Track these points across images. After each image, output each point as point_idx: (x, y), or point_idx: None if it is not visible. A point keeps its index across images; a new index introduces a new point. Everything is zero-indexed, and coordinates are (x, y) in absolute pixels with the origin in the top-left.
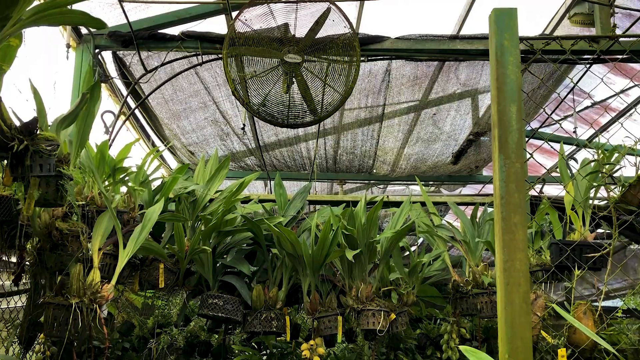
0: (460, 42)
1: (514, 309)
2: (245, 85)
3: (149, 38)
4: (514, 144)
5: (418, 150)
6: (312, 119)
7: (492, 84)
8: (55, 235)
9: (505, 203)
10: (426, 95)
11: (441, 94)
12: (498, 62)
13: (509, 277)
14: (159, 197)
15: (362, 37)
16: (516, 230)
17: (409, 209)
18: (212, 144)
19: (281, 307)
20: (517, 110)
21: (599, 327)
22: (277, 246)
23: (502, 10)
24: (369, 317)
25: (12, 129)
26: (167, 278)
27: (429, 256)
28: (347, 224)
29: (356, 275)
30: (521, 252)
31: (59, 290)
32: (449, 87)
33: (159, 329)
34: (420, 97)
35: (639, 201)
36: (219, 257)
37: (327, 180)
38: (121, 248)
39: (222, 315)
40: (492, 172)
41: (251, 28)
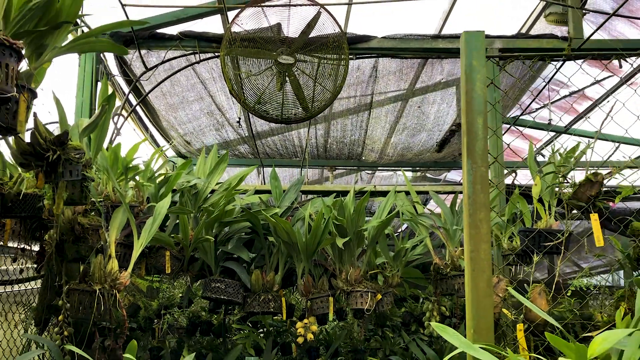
0: (442, 41)
1: (479, 291)
2: (241, 84)
3: (149, 38)
4: (480, 150)
5: (404, 139)
6: (305, 115)
7: (462, 98)
8: (78, 229)
9: (472, 202)
10: (412, 85)
11: (427, 83)
12: (467, 79)
13: (474, 265)
14: (164, 190)
15: (351, 37)
16: (481, 225)
17: (393, 199)
18: (207, 134)
19: (277, 290)
20: (483, 122)
21: (551, 305)
22: (274, 234)
23: (471, 33)
24: (358, 298)
25: (47, 141)
26: (173, 264)
27: (412, 242)
28: (337, 214)
29: (346, 260)
30: (485, 244)
31: (82, 277)
32: (435, 76)
33: (163, 310)
34: (407, 86)
35: (587, 198)
36: (220, 245)
37: (318, 166)
38: (135, 239)
39: (224, 298)
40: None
41: (246, 30)
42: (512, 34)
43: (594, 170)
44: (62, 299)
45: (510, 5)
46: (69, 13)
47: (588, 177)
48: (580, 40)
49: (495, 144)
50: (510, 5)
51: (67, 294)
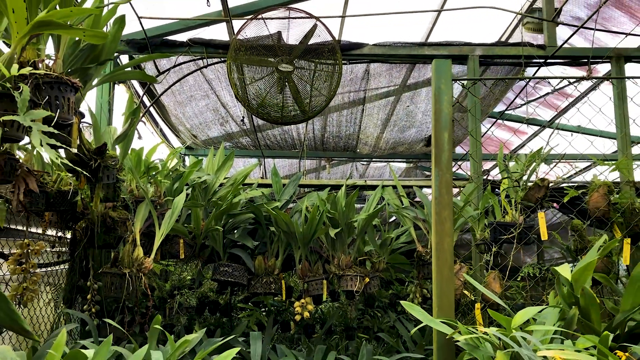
0: (428, 49)
1: (442, 276)
2: (245, 88)
3: (161, 44)
4: (445, 160)
5: (395, 135)
6: (303, 117)
7: (432, 116)
8: (109, 221)
9: (438, 202)
10: (402, 85)
11: (417, 79)
12: (436, 100)
13: (439, 254)
14: (178, 185)
15: (344, 44)
16: (445, 222)
17: (380, 194)
18: (212, 127)
19: (278, 273)
20: (448, 136)
21: (504, 288)
22: (275, 225)
23: (440, 61)
24: (348, 281)
25: (90, 152)
26: (186, 250)
27: (396, 232)
28: (331, 208)
29: (338, 247)
30: (448, 237)
31: (113, 262)
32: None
33: (175, 291)
34: (396, 87)
35: (536, 199)
36: (227, 234)
37: (315, 158)
38: (157, 229)
39: (232, 280)
40: (432, 180)
41: (249, 38)
42: (491, 42)
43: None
44: (90, 280)
45: (492, 14)
46: (109, 52)
47: (536, 182)
48: (553, 48)
49: (475, 143)
50: (492, 14)
51: (100, 276)
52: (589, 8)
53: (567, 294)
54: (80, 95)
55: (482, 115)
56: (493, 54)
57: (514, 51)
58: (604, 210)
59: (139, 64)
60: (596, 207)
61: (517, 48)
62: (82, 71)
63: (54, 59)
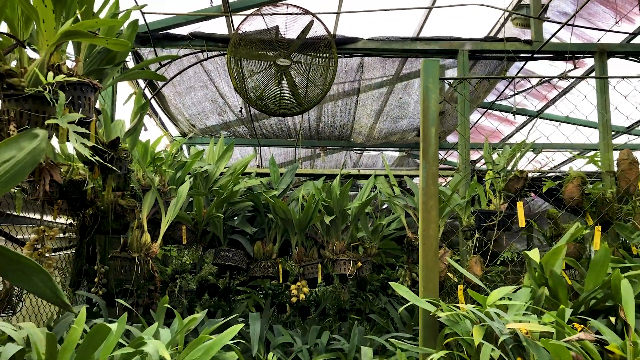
0: (420, 43)
1: (428, 260)
2: (244, 82)
3: (163, 38)
4: (432, 153)
5: (388, 125)
6: (299, 109)
7: (421, 112)
8: (118, 209)
9: (424, 192)
10: (395, 77)
11: (410, 70)
12: (424, 98)
13: (425, 240)
14: (180, 174)
15: (339, 39)
16: (431, 210)
17: (372, 183)
18: (210, 117)
19: (275, 258)
20: (435, 131)
21: (484, 271)
22: (272, 212)
23: (428, 61)
24: (342, 265)
25: (104, 145)
26: (188, 236)
27: (387, 219)
28: (326, 197)
29: (332, 234)
30: (434, 224)
31: (122, 247)
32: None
33: (176, 274)
34: (390, 78)
35: (515, 189)
36: (228, 220)
37: (311, 146)
38: (163, 216)
39: (232, 264)
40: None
41: (248, 32)
42: (480, 37)
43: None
44: (97, 264)
45: (482, 9)
46: (123, 54)
47: (515, 174)
48: (540, 43)
49: (463, 137)
50: (481, 9)
51: (107, 260)
52: (575, 3)
53: (538, 275)
54: (96, 95)
55: (472, 106)
56: (482, 48)
57: (501, 46)
58: (578, 200)
59: (133, 38)
60: (571, 197)
61: (504, 43)
62: (98, 72)
63: (74, 61)
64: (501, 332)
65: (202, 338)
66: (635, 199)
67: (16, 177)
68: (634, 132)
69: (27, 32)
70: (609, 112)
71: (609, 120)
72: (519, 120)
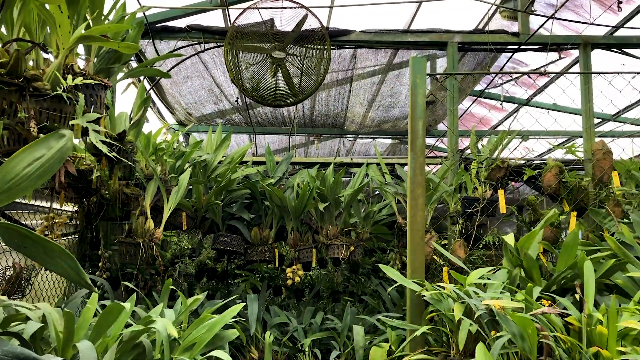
0: (410, 35)
1: (415, 244)
2: (241, 73)
3: (161, 30)
4: (420, 145)
5: (380, 114)
6: (294, 100)
7: (410, 106)
8: (123, 197)
9: (412, 181)
10: (387, 66)
11: (402, 59)
12: (412, 93)
13: (412, 225)
14: (180, 163)
15: (333, 31)
16: (418, 198)
17: (364, 172)
18: (206, 105)
19: (272, 243)
20: (422, 124)
21: (467, 254)
22: (269, 199)
23: (416, 58)
24: (335, 249)
25: (112, 138)
26: (188, 222)
27: (379, 206)
28: (320, 185)
29: (326, 220)
30: (421, 211)
31: (128, 233)
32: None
33: (176, 259)
34: (382, 67)
35: (497, 178)
36: (226, 207)
37: (305, 134)
38: (165, 203)
39: (230, 249)
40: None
41: (244, 25)
42: (469, 30)
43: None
44: (101, 249)
45: (471, 2)
46: (128, 54)
47: (497, 164)
48: (526, 35)
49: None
50: (470, 2)
51: (110, 245)
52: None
53: (514, 258)
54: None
55: (461, 95)
56: (471, 40)
57: (490, 38)
58: (555, 188)
59: (140, 46)
60: (549, 185)
61: (492, 35)
62: (107, 70)
63: (85, 60)
64: (477, 308)
65: (205, 317)
66: (608, 187)
67: (47, 172)
68: (619, 119)
69: (42, 35)
70: (592, 102)
71: (591, 110)
72: (509, 108)
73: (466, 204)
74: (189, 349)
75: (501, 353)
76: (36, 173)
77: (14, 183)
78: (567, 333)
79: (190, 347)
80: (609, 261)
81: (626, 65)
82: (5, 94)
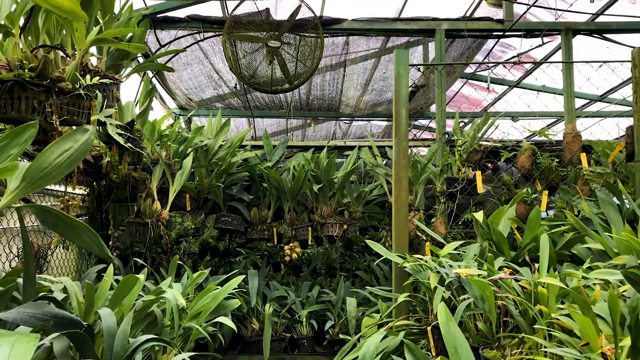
0: (400, 23)
1: (399, 221)
2: (238, 62)
3: (162, 21)
4: (403, 131)
5: (374, 97)
6: (289, 87)
7: (394, 95)
8: (131, 181)
9: (397, 164)
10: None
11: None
12: (397, 82)
13: (397, 205)
14: (183, 148)
15: (326, 19)
16: (402, 180)
17: (356, 155)
18: (206, 90)
19: (270, 222)
20: (405, 112)
21: (447, 230)
22: (267, 182)
23: (400, 51)
24: (329, 227)
25: (120, 127)
26: (191, 204)
27: (370, 187)
28: (314, 167)
29: (320, 200)
30: (404, 192)
31: (137, 214)
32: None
33: (180, 238)
34: (377, 47)
35: (475, 161)
36: (227, 189)
37: (301, 117)
38: (171, 186)
39: (231, 228)
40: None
41: (241, 14)
42: (456, 17)
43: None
44: (111, 229)
45: None
46: (135, 52)
47: (475, 147)
48: (511, 22)
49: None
50: None
51: (119, 225)
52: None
53: (484, 232)
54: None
55: (452, 77)
56: (458, 27)
57: (476, 25)
58: (529, 169)
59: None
60: (522, 166)
61: (478, 22)
62: (116, 66)
63: (99, 58)
64: (448, 276)
65: (210, 288)
66: (577, 167)
67: (74, 162)
68: (606, 99)
69: (60, 37)
70: (573, 85)
71: (572, 94)
72: (499, 90)
73: (450, 184)
74: (196, 317)
75: (469, 314)
76: (65, 163)
77: (47, 172)
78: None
79: (197, 316)
80: (569, 234)
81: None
82: (36, 94)
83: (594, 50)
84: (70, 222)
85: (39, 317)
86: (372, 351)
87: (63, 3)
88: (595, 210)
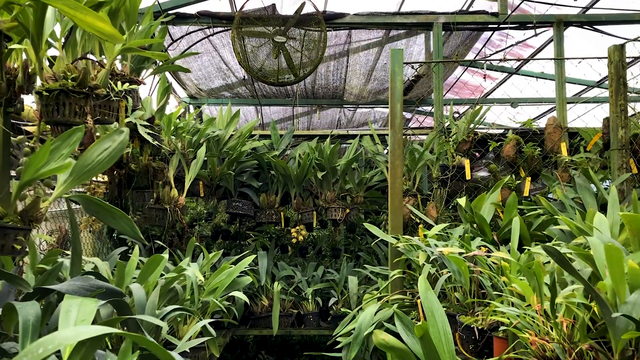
0: (399, 17)
1: (394, 206)
2: (247, 56)
3: (174, 17)
4: (398, 124)
5: (376, 86)
6: (294, 79)
7: (389, 91)
8: (151, 170)
9: (392, 154)
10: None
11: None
12: (392, 80)
13: (392, 191)
14: (196, 138)
15: (329, 14)
16: (397, 168)
17: (357, 144)
18: (215, 80)
19: (278, 207)
20: (400, 106)
21: (439, 213)
22: (274, 169)
23: (395, 50)
24: (332, 211)
25: (144, 124)
26: (204, 190)
27: (370, 173)
28: (318, 155)
29: (324, 186)
30: (399, 179)
31: (156, 200)
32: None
33: (194, 222)
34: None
35: (464, 150)
36: (237, 176)
37: (307, 105)
38: (186, 174)
39: (242, 212)
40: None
41: (248, 11)
42: (453, 11)
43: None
44: (130, 214)
45: None
46: (157, 59)
47: (464, 137)
48: (505, 15)
49: (438, 96)
50: None
51: (147, 210)
52: None
53: (468, 216)
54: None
55: (448, 68)
56: (454, 21)
57: (471, 18)
58: (513, 157)
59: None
60: (507, 155)
61: (474, 16)
62: (138, 69)
63: (123, 63)
64: (432, 254)
65: (225, 267)
66: (557, 156)
67: (112, 159)
68: (603, 85)
69: (90, 46)
70: (564, 75)
71: (564, 82)
72: (499, 77)
73: (444, 171)
74: (212, 292)
75: (451, 287)
76: (106, 159)
77: (91, 167)
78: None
79: (213, 291)
80: (542, 217)
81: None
82: (77, 100)
83: (587, 41)
84: (109, 209)
85: (86, 288)
86: (367, 320)
87: (105, 29)
88: (572, 195)
